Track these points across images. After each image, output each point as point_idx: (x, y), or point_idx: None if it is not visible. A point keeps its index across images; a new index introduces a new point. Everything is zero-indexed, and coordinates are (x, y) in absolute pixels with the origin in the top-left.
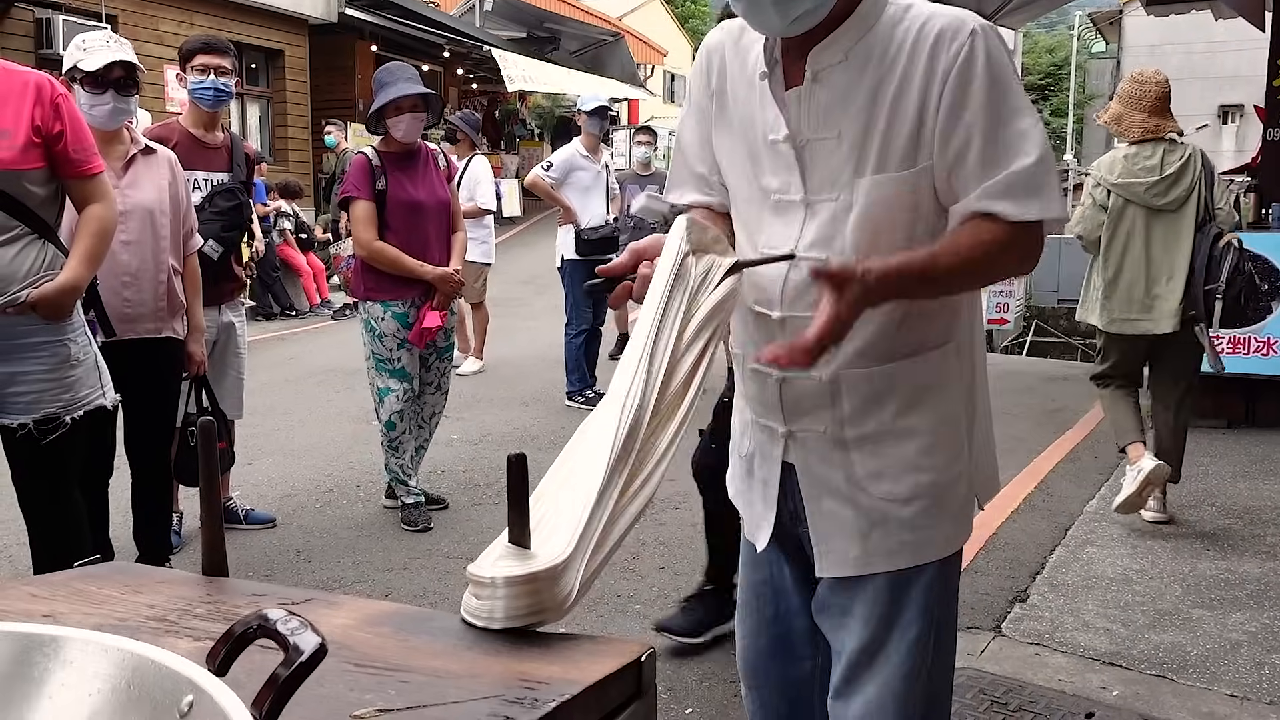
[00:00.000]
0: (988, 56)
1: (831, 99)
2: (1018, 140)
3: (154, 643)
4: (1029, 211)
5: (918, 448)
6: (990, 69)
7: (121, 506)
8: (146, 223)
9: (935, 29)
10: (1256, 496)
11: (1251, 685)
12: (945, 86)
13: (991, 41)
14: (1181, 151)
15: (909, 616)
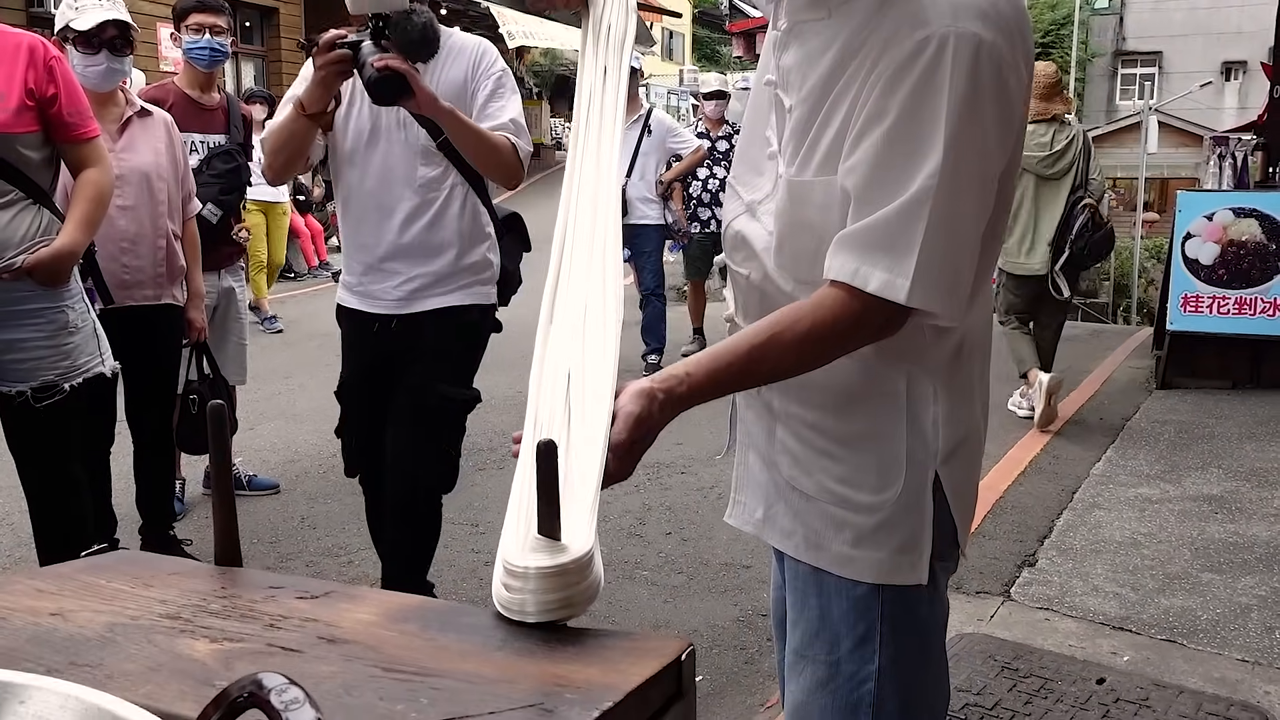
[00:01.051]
0: (934, 65)
1: (797, 61)
2: (905, 175)
3: (170, 643)
4: (855, 276)
5: (837, 455)
6: (928, 79)
7: (124, 474)
8: (144, 187)
9: (919, 4)
10: (1263, 458)
11: (1263, 650)
12: (873, 89)
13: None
14: (1069, 131)
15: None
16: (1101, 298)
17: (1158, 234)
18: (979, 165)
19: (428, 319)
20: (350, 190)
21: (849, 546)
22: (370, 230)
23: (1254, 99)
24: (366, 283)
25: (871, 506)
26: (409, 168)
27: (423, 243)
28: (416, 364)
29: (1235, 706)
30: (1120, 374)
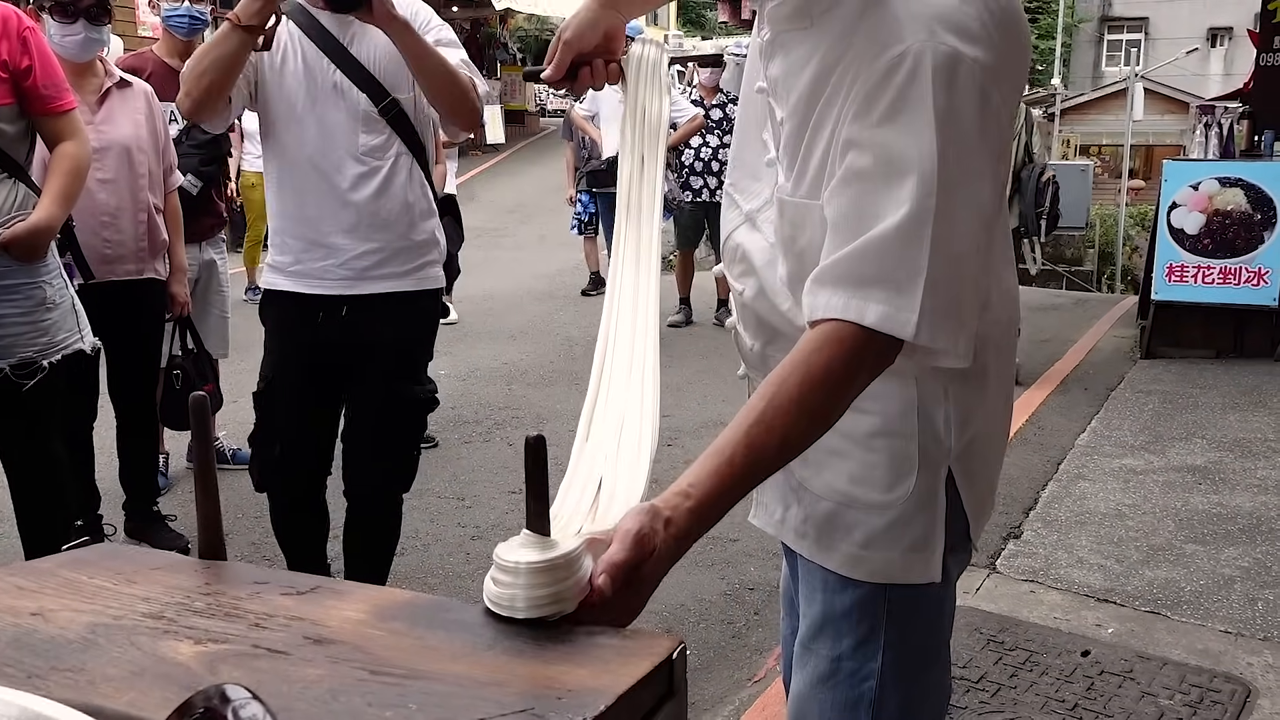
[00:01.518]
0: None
1: (786, 68)
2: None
3: (153, 645)
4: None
5: (850, 467)
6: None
7: (107, 450)
8: (124, 159)
9: (895, 16)
10: (1246, 428)
11: (1245, 621)
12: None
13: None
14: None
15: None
16: (1086, 266)
17: (1143, 202)
18: (971, 187)
19: (380, 307)
20: (285, 159)
21: (859, 547)
22: (312, 201)
23: (1239, 65)
24: (307, 261)
25: (883, 505)
26: (350, 134)
27: (371, 213)
28: (372, 361)
29: (1218, 678)
30: (1105, 343)
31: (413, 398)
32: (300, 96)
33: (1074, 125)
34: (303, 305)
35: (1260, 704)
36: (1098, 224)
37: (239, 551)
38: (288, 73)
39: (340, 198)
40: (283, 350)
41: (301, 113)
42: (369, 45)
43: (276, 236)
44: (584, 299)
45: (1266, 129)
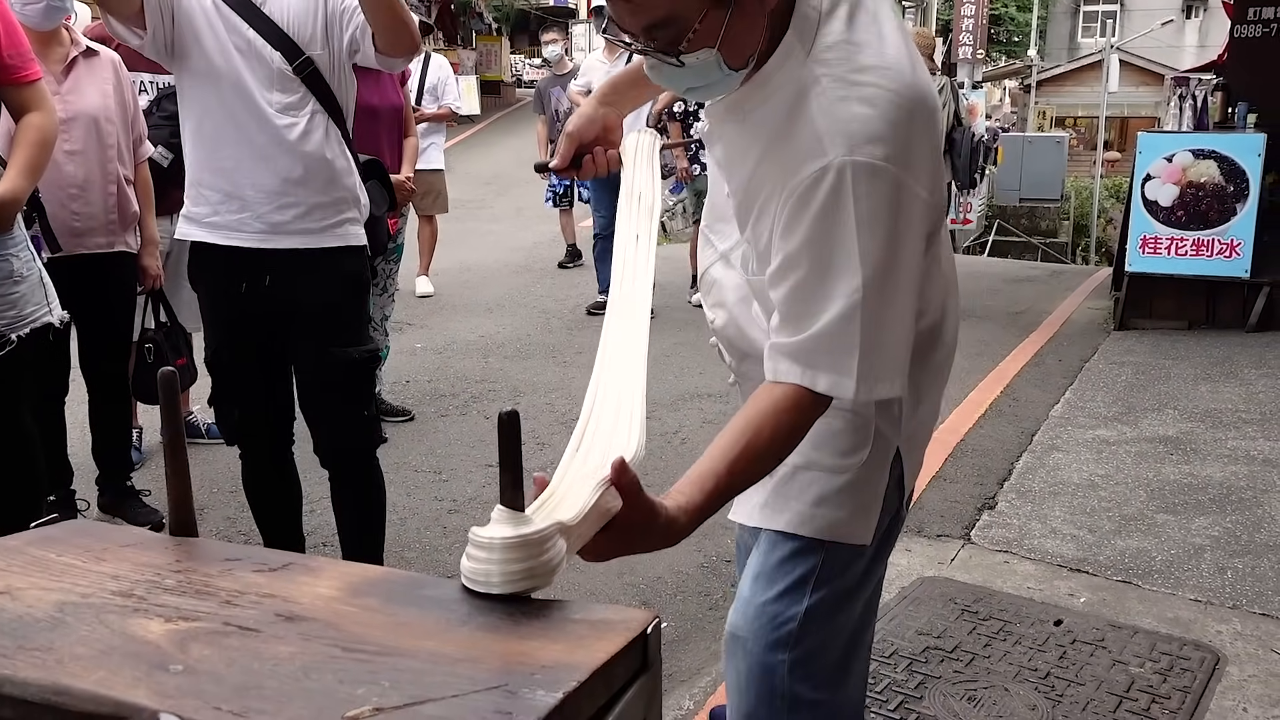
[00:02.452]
0: (834, 193)
1: (727, 154)
2: (824, 296)
3: (123, 623)
4: (832, 388)
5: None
6: (831, 207)
7: (80, 425)
8: (92, 130)
9: (809, 132)
10: (1217, 399)
11: (1215, 590)
12: (782, 212)
13: (849, 184)
14: (940, 81)
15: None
16: (1061, 237)
17: (1118, 174)
18: (897, 268)
19: (301, 263)
20: (202, 111)
21: (810, 505)
22: (229, 154)
23: (1214, 37)
24: (224, 212)
25: (838, 468)
26: (264, 90)
27: (288, 169)
28: (302, 323)
29: (1188, 646)
30: (1079, 315)
31: (349, 359)
32: (215, 51)
33: (1050, 97)
34: (226, 261)
35: (1229, 671)
36: (1073, 196)
37: (214, 526)
38: (201, 27)
39: (257, 152)
40: (216, 311)
41: (217, 67)
42: (281, 3)
43: (193, 188)
44: (561, 271)
45: (1240, 101)
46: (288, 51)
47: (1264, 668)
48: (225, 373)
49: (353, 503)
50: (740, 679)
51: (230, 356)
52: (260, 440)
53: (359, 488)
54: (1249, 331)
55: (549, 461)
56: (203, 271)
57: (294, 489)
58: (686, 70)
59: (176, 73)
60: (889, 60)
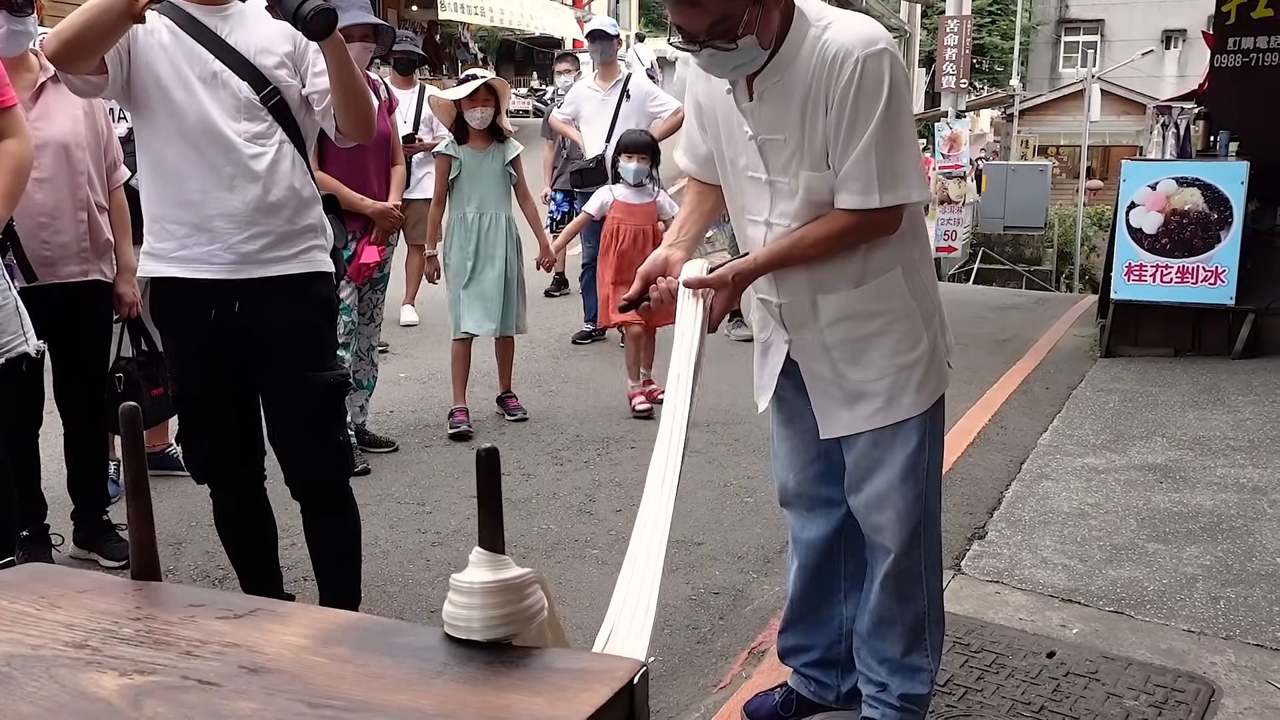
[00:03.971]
0: (861, 79)
1: (773, 112)
2: (866, 151)
3: (74, 678)
4: (866, 201)
5: (881, 346)
6: (863, 92)
7: (56, 457)
8: (61, 157)
9: (832, 54)
10: (1205, 426)
11: (1208, 620)
12: (834, 107)
13: (869, 66)
14: None
15: (903, 439)
16: (1045, 265)
17: (1101, 201)
18: (908, 116)
19: (271, 291)
20: (165, 142)
21: (914, 392)
22: (195, 187)
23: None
24: (192, 245)
25: (914, 362)
26: (232, 121)
27: (257, 199)
28: (273, 350)
29: (1182, 678)
30: (1065, 342)
31: (321, 384)
32: (175, 84)
33: (1032, 126)
34: (193, 294)
35: (1224, 703)
36: (1056, 224)
37: (192, 561)
38: (159, 60)
39: (225, 183)
40: (183, 346)
41: (177, 100)
42: (245, 36)
43: (155, 224)
44: (547, 300)
45: (1222, 129)
46: (254, 81)
47: (1259, 699)
48: (194, 406)
49: (328, 534)
50: (888, 530)
51: (199, 390)
52: (231, 475)
53: (334, 517)
54: (1235, 358)
55: (534, 494)
56: (168, 306)
57: (269, 524)
58: (737, 53)
59: (134, 109)
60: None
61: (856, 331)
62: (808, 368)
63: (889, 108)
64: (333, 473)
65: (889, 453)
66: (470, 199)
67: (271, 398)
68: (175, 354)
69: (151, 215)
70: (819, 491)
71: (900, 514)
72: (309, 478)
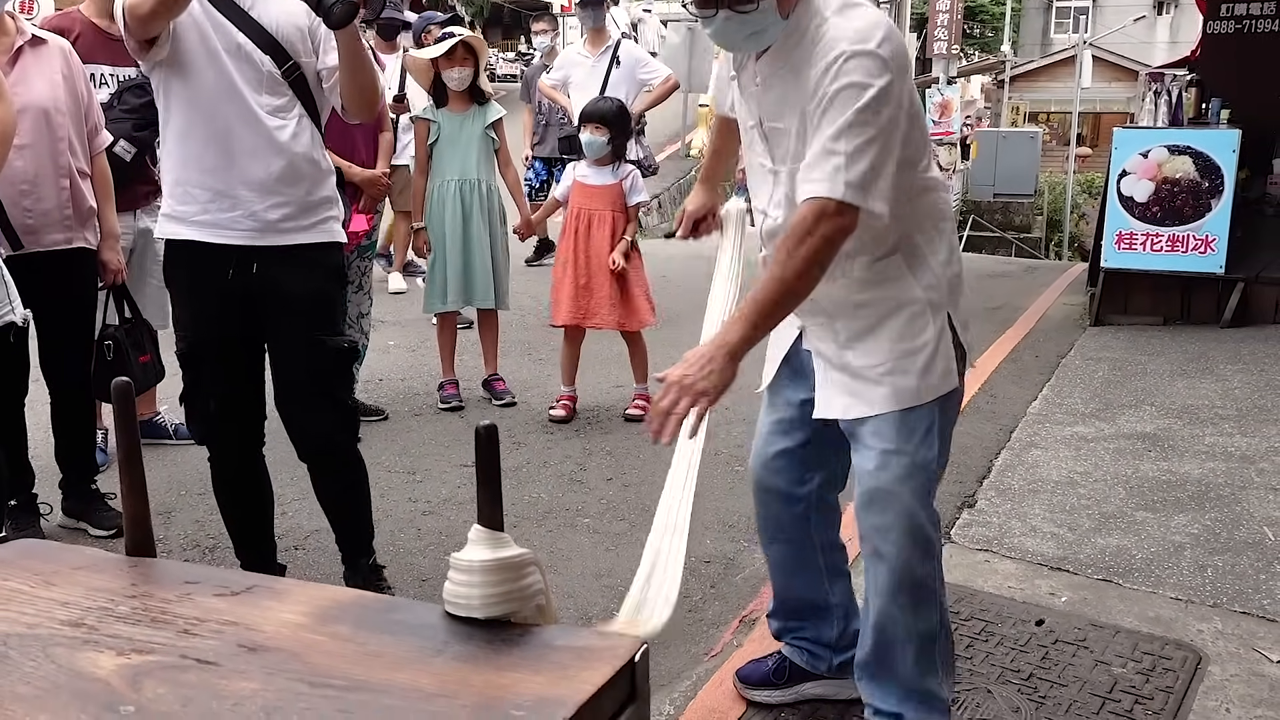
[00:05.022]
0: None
1: (778, 98)
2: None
3: (71, 658)
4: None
5: (886, 331)
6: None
7: (44, 426)
8: (41, 122)
9: (824, 45)
10: (1194, 395)
11: (1195, 588)
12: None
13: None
14: None
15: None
16: (1034, 233)
17: (1090, 169)
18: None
19: (289, 259)
20: (192, 110)
21: (917, 379)
22: (219, 154)
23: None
24: (214, 210)
25: (921, 347)
26: (255, 94)
27: (280, 170)
28: (287, 315)
29: (1170, 646)
30: (1055, 311)
31: (333, 347)
32: (202, 54)
33: (1023, 92)
34: (210, 257)
35: (1211, 670)
36: (1046, 191)
37: (182, 530)
38: (193, 33)
39: (248, 152)
40: (196, 305)
41: (204, 70)
42: (268, 10)
43: (178, 187)
44: (536, 269)
45: (1214, 97)
46: (277, 56)
47: (1245, 667)
48: (201, 367)
49: (339, 493)
50: (892, 532)
51: (208, 350)
52: (232, 438)
53: (345, 475)
54: (1224, 327)
55: (525, 462)
56: (184, 268)
57: (266, 490)
58: (755, 17)
59: (162, 74)
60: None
61: (860, 316)
62: (814, 346)
63: (867, 109)
64: (343, 433)
65: (892, 444)
66: (451, 165)
67: (283, 361)
68: (187, 314)
69: (174, 179)
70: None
71: (904, 513)
72: (320, 439)
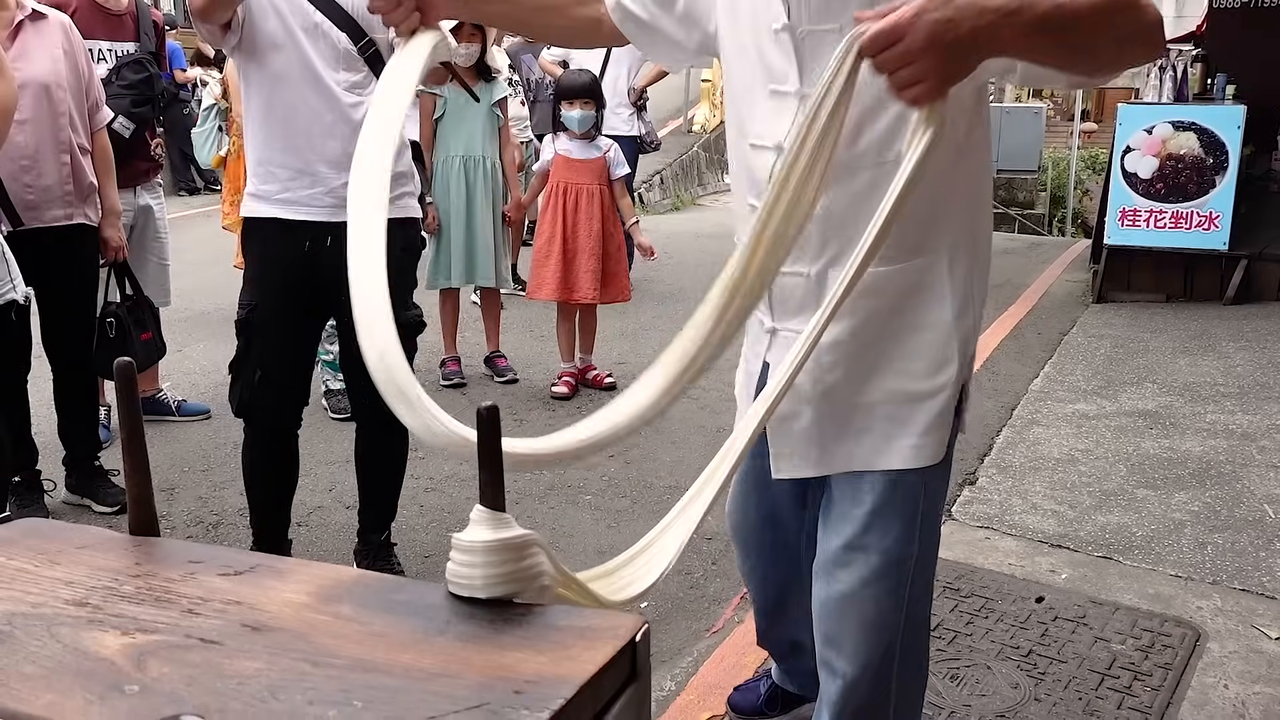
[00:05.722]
0: None
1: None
2: None
3: (76, 637)
4: None
5: (897, 357)
6: None
7: (48, 403)
8: (42, 98)
9: None
10: (1196, 372)
11: (1195, 565)
12: None
13: None
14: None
15: (889, 506)
16: (1038, 209)
17: (1095, 145)
18: None
19: None
20: (271, 89)
21: (918, 437)
22: (300, 132)
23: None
24: (295, 189)
25: (932, 390)
26: (332, 71)
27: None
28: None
29: (1169, 622)
30: (1057, 288)
31: (404, 321)
32: (281, 33)
33: None
34: (289, 232)
35: (1210, 647)
36: (1050, 167)
37: (186, 507)
38: (270, 13)
39: (326, 129)
40: (267, 278)
41: (284, 49)
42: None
43: (261, 167)
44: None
45: (1220, 72)
46: (353, 33)
47: (1244, 644)
48: (255, 336)
49: (383, 455)
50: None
51: (266, 322)
52: (273, 413)
53: (392, 440)
54: (1226, 304)
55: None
56: (261, 242)
57: (294, 467)
58: None
59: (240, 57)
60: None
61: (867, 328)
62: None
63: None
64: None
65: (867, 524)
66: (456, 141)
67: (351, 333)
68: (257, 281)
69: (257, 159)
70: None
71: (867, 623)
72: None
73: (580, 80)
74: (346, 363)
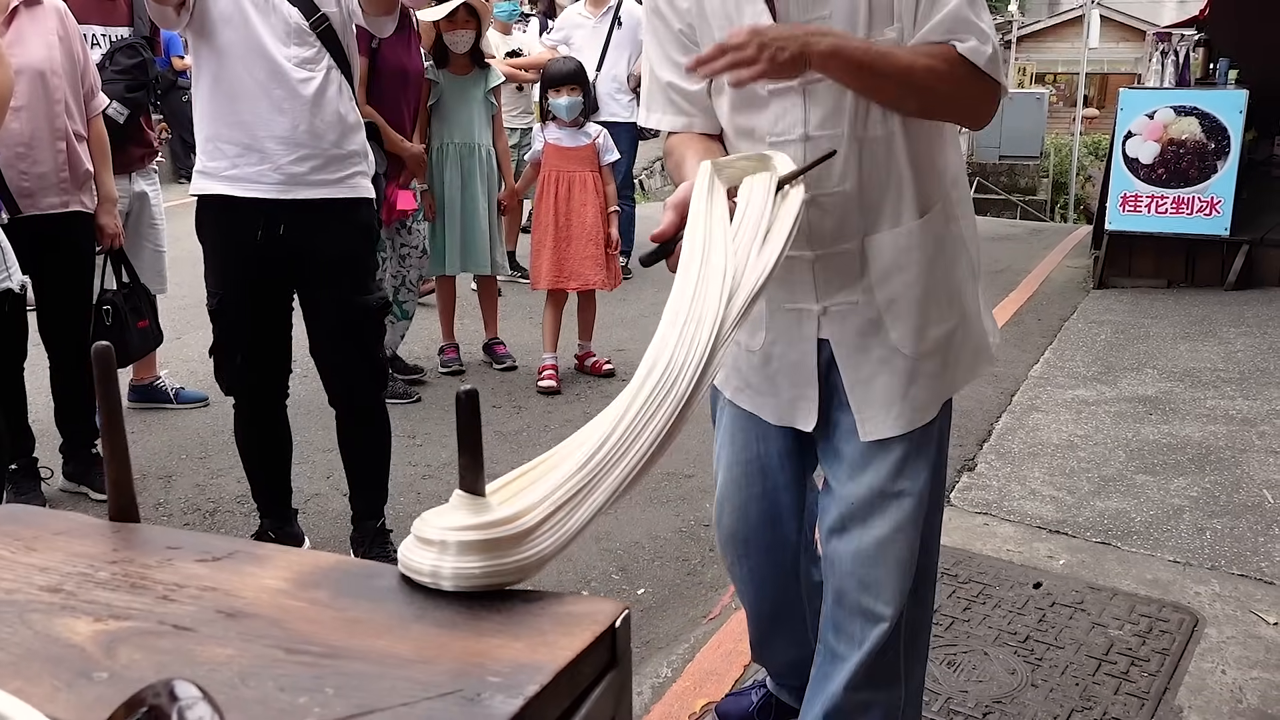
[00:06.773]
0: None
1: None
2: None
3: (47, 624)
4: (971, 52)
5: (938, 302)
6: None
7: (44, 390)
8: (37, 84)
9: None
10: (1196, 358)
11: (1194, 550)
12: None
13: None
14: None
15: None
16: (1040, 195)
17: (1097, 130)
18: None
19: (316, 215)
20: (220, 65)
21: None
22: (247, 108)
23: None
24: (243, 165)
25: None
26: (282, 46)
27: (307, 122)
28: (317, 271)
29: (1167, 608)
30: (1058, 273)
31: (363, 306)
32: (231, 10)
33: (1030, 53)
34: (241, 212)
35: (1208, 633)
36: (1052, 153)
37: (182, 494)
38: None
39: (275, 105)
40: (226, 265)
41: (232, 23)
42: None
43: (209, 144)
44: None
45: (1222, 57)
46: (304, 7)
47: (1242, 629)
48: (230, 319)
49: (363, 442)
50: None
51: (238, 305)
52: (258, 390)
53: (369, 428)
54: (1227, 290)
55: (525, 426)
56: (214, 224)
57: (286, 440)
58: None
59: (191, 34)
60: None
61: (912, 285)
62: (848, 345)
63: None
64: (370, 386)
65: (910, 469)
66: (452, 128)
67: (315, 317)
68: (218, 269)
69: (205, 135)
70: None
71: (902, 564)
72: (350, 392)
73: (566, 67)
74: (314, 349)
